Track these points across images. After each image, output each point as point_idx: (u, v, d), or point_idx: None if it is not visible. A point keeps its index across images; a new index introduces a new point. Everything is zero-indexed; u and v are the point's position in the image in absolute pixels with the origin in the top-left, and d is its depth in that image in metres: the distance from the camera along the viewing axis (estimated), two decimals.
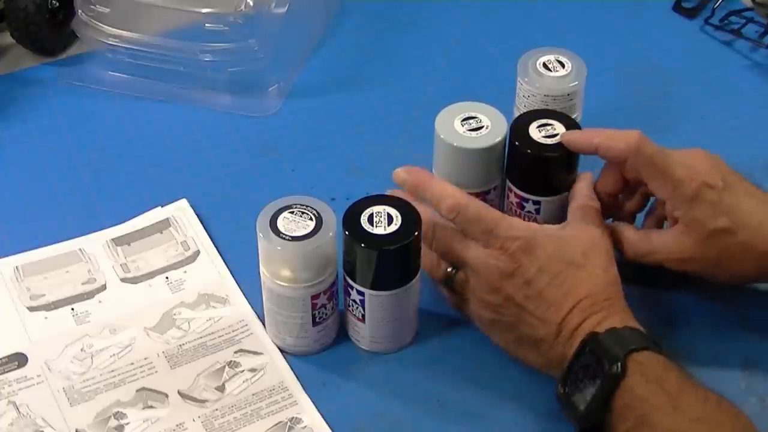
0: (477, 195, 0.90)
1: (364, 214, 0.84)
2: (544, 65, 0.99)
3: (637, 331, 0.79)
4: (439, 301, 0.92)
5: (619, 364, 0.76)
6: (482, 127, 0.90)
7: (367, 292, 0.85)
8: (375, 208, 0.84)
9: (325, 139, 1.07)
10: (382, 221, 0.83)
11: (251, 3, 1.06)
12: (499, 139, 0.90)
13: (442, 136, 0.90)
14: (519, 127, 0.91)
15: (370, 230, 0.83)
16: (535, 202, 0.91)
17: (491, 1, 1.23)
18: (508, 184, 0.93)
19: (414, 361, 0.89)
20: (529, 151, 0.89)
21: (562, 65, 0.99)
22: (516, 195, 0.92)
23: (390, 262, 0.84)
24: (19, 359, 0.88)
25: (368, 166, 1.04)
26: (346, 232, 0.83)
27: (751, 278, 0.90)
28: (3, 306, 0.92)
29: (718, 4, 1.20)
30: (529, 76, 0.99)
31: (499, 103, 0.94)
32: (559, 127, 0.90)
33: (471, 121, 0.91)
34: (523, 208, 0.92)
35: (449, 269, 0.87)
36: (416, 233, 0.83)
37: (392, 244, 0.82)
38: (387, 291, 0.85)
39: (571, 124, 0.91)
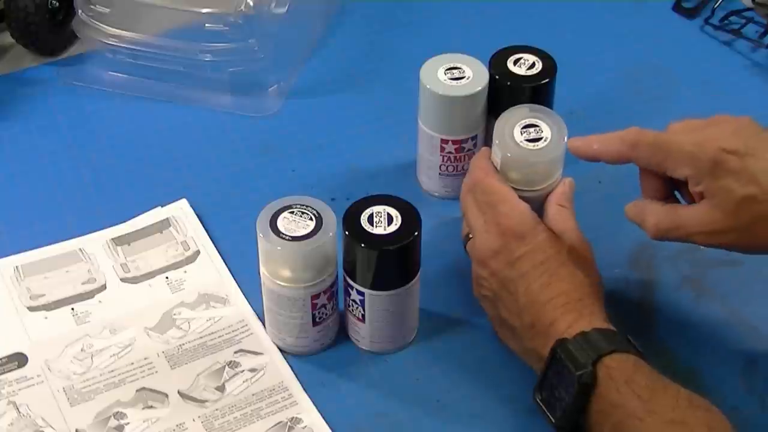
0: (457, 142, 0.96)
1: (364, 214, 0.84)
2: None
3: (606, 332, 0.78)
4: (439, 301, 0.92)
5: (589, 372, 0.75)
6: (464, 77, 0.95)
7: (367, 292, 0.85)
8: (375, 208, 0.84)
9: (325, 139, 1.07)
10: (382, 221, 0.83)
11: (251, 3, 1.06)
12: (479, 88, 0.94)
13: (427, 86, 0.94)
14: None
15: (370, 230, 0.83)
16: None
17: (491, 1, 1.22)
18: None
19: (414, 361, 0.89)
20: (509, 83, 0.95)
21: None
22: None
23: (390, 262, 0.84)
24: (19, 359, 0.88)
25: (368, 166, 1.04)
26: (346, 232, 0.83)
27: None
28: (3, 306, 0.92)
29: (718, 4, 1.20)
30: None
31: None
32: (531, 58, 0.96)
33: (454, 71, 0.95)
34: None
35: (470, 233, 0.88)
36: (416, 233, 0.83)
37: (392, 244, 0.82)
38: (387, 291, 0.85)
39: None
